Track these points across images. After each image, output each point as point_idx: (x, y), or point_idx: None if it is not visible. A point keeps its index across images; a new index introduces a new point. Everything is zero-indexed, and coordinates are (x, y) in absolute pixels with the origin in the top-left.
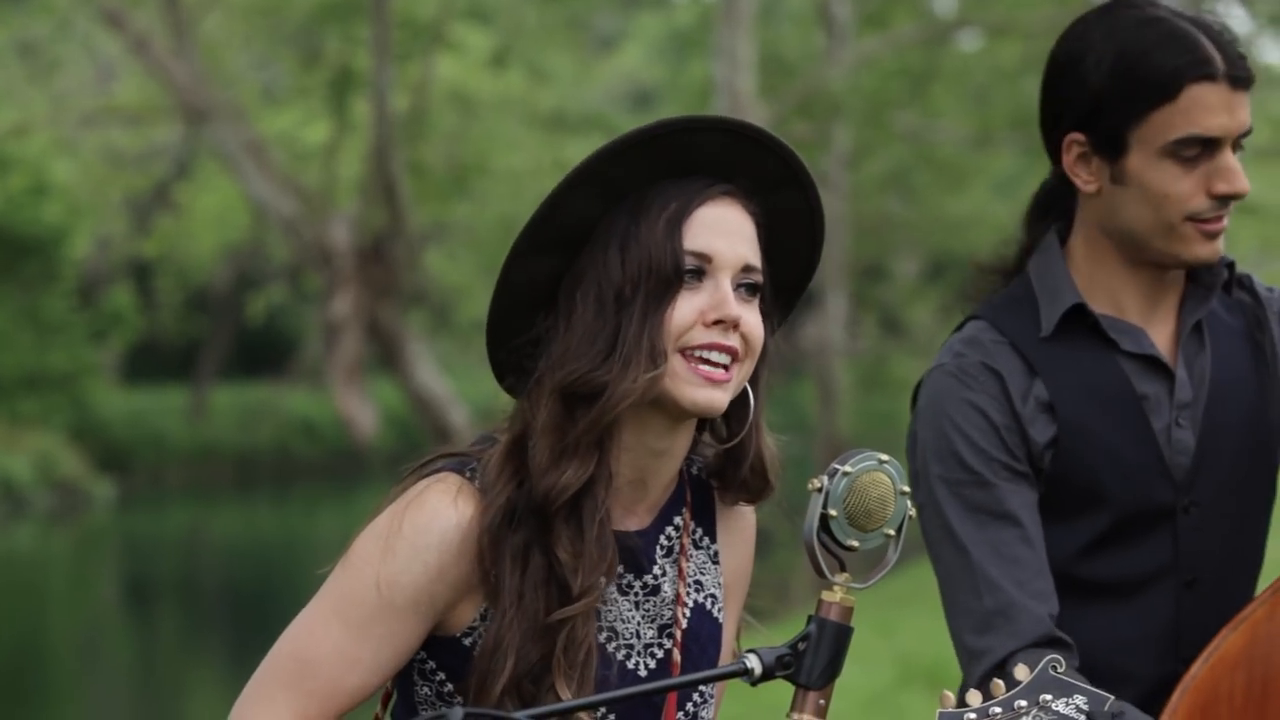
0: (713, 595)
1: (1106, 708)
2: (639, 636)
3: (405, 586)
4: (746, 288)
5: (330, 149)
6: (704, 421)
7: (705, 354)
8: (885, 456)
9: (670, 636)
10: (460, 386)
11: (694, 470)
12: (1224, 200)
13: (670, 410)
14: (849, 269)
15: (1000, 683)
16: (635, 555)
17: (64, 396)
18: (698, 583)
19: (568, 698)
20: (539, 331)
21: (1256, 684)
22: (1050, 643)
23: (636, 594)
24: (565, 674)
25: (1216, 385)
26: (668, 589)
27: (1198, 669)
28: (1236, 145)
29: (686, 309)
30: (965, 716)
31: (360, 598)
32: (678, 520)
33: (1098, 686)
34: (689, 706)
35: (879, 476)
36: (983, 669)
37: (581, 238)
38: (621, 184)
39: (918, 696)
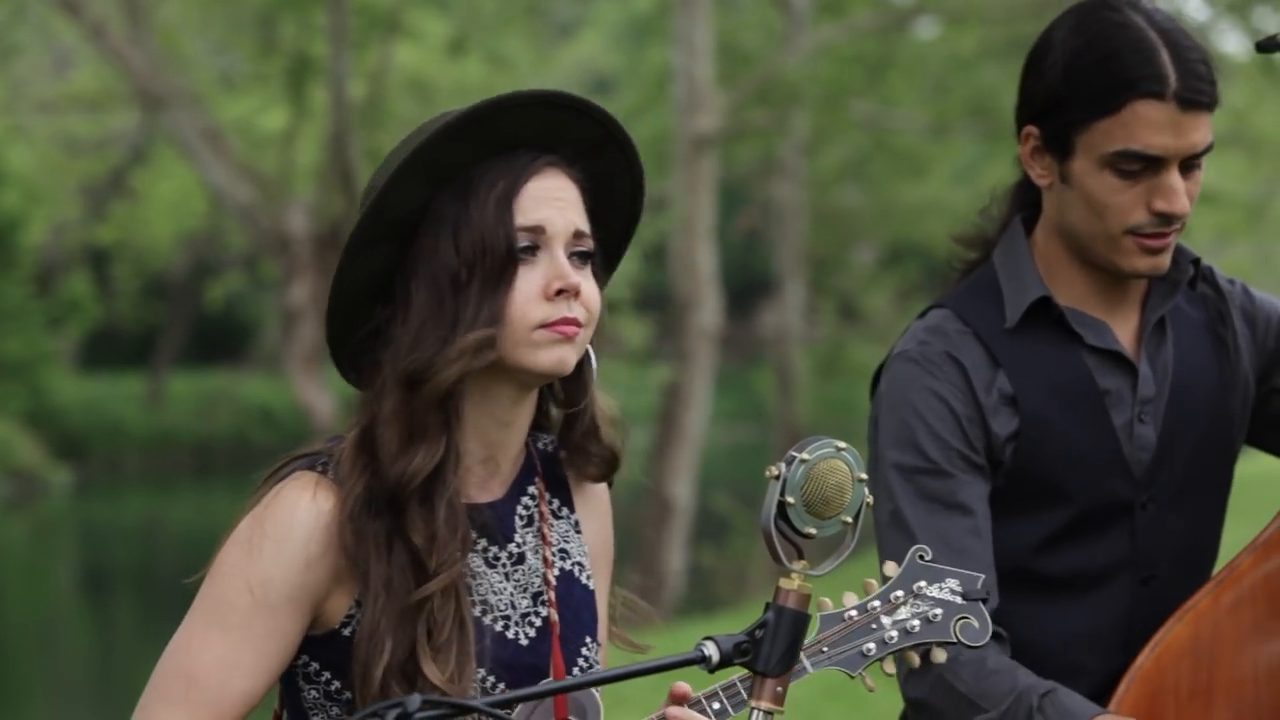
0: (579, 563)
1: (979, 585)
2: (514, 607)
3: (276, 583)
4: (579, 255)
5: (288, 136)
6: (543, 394)
7: (555, 324)
8: (843, 444)
9: (544, 603)
10: None
11: (540, 445)
12: (1164, 218)
13: (519, 378)
14: (807, 256)
15: (873, 581)
16: (494, 527)
17: (21, 384)
18: (563, 550)
19: (437, 678)
20: (378, 323)
21: (1202, 674)
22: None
23: (504, 565)
24: (430, 655)
25: (1179, 380)
26: (532, 558)
27: (1144, 659)
28: (1190, 164)
29: (526, 286)
30: (846, 614)
31: (233, 602)
32: (532, 490)
33: (1051, 678)
34: (575, 670)
35: (836, 464)
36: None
37: (411, 225)
38: (446, 168)
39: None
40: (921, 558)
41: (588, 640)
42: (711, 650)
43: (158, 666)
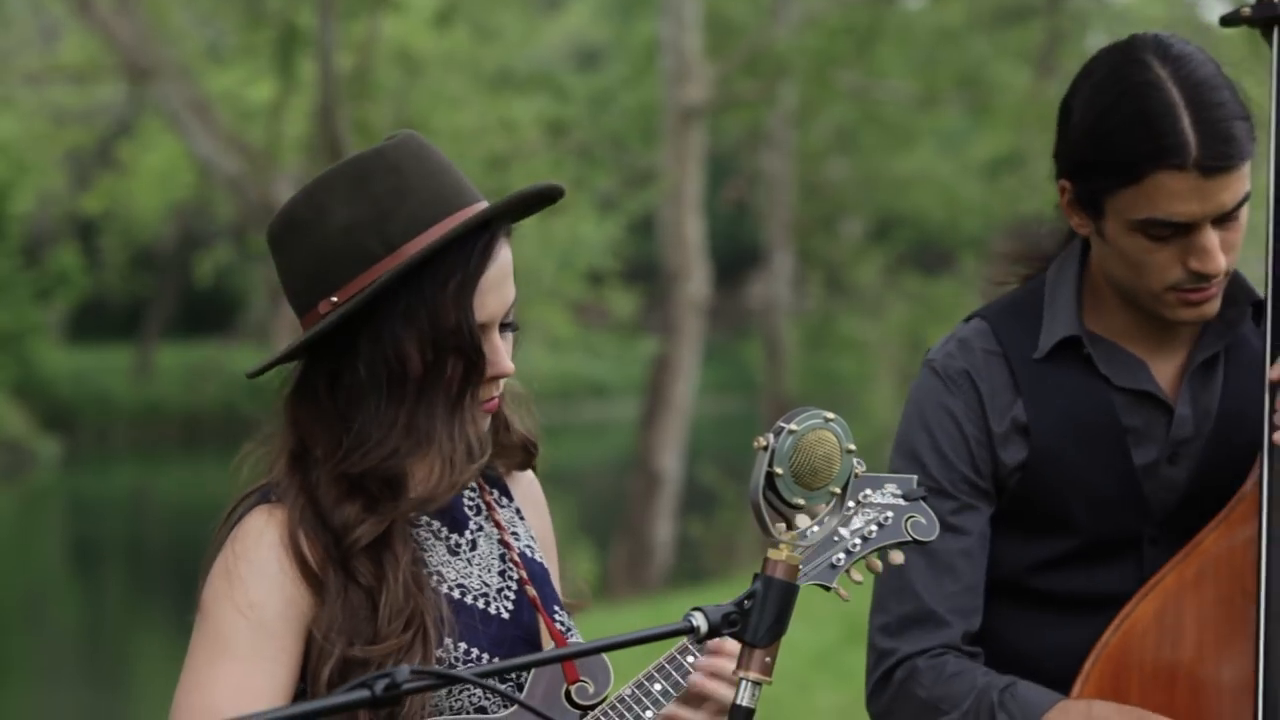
0: (529, 545)
1: (915, 485)
2: (487, 585)
3: (265, 605)
4: (508, 325)
5: (275, 108)
6: None
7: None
8: (831, 414)
9: (513, 576)
10: None
11: None
12: (1201, 276)
13: None
14: (795, 228)
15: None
16: (451, 512)
17: (8, 355)
18: (514, 533)
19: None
20: (310, 372)
21: (1165, 650)
22: (949, 650)
23: (465, 551)
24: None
25: (1225, 420)
26: (485, 544)
27: (1109, 636)
28: (1226, 219)
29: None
30: (809, 531)
31: (231, 632)
32: (471, 484)
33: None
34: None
35: (825, 434)
36: (883, 669)
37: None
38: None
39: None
40: (858, 468)
41: (556, 609)
42: (700, 621)
43: (173, 708)
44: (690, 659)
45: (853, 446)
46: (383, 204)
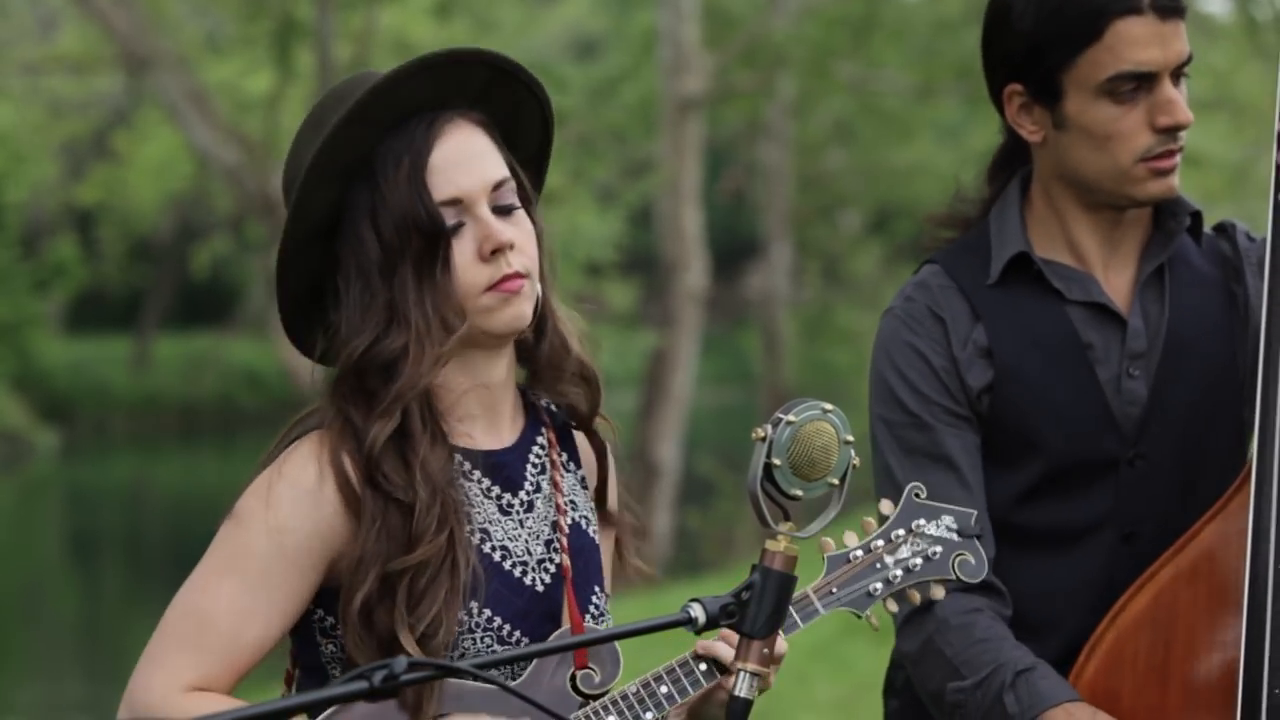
0: (586, 516)
1: (973, 521)
2: (530, 553)
3: (294, 531)
4: (504, 207)
5: (273, 98)
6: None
7: (500, 283)
8: (829, 406)
9: (557, 549)
10: None
11: (543, 402)
12: (1170, 133)
13: (485, 343)
14: (793, 219)
15: (871, 520)
16: (506, 471)
17: (6, 347)
18: (572, 502)
19: (411, 647)
20: (331, 316)
21: (1159, 646)
22: (980, 587)
23: (518, 512)
24: (407, 625)
25: (1176, 335)
26: (543, 506)
27: (1104, 629)
28: (1177, 77)
29: (461, 259)
30: (851, 554)
31: (251, 550)
32: (541, 440)
33: (1027, 633)
34: (587, 618)
35: (823, 426)
36: (909, 608)
37: (334, 221)
38: (349, 162)
39: (861, 646)
40: (917, 495)
41: (596, 589)
42: (698, 612)
43: (172, 606)
44: (702, 666)
45: (850, 438)
46: (327, 121)
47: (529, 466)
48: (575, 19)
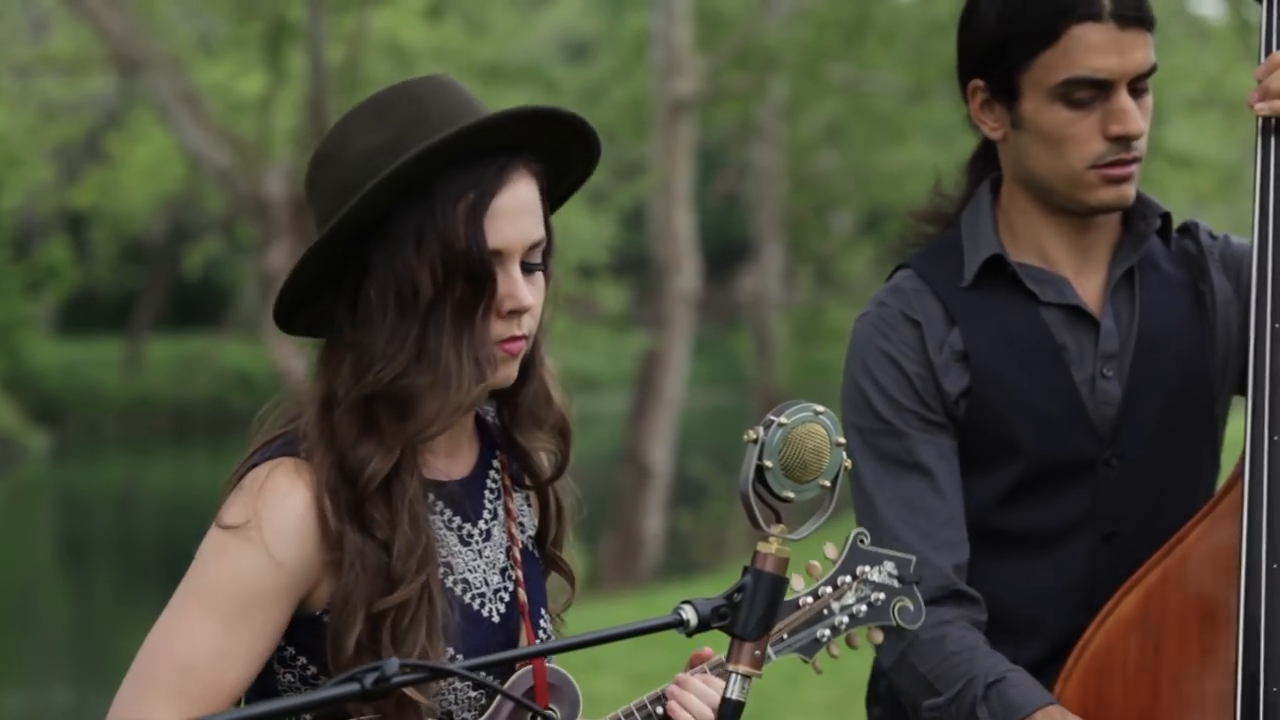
0: (532, 536)
1: (911, 569)
2: (487, 584)
3: (275, 570)
4: (530, 266)
5: (265, 100)
6: None
7: (504, 345)
8: (821, 408)
9: (511, 579)
10: None
11: (488, 417)
12: (1122, 142)
13: None
14: (785, 221)
15: (817, 564)
16: (463, 502)
17: None
18: (521, 524)
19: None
20: (334, 311)
21: (1150, 649)
22: (951, 596)
23: (476, 542)
24: (396, 653)
25: (1146, 335)
26: (498, 533)
27: (1093, 632)
28: (1139, 85)
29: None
30: (801, 600)
31: (229, 592)
32: (495, 464)
33: (1009, 636)
34: (536, 643)
35: (814, 428)
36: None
37: (372, 222)
38: (415, 179)
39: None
40: (861, 541)
41: (543, 612)
42: (690, 614)
43: (146, 649)
44: (659, 710)
45: (842, 440)
46: (401, 128)
47: (486, 493)
48: (567, 21)
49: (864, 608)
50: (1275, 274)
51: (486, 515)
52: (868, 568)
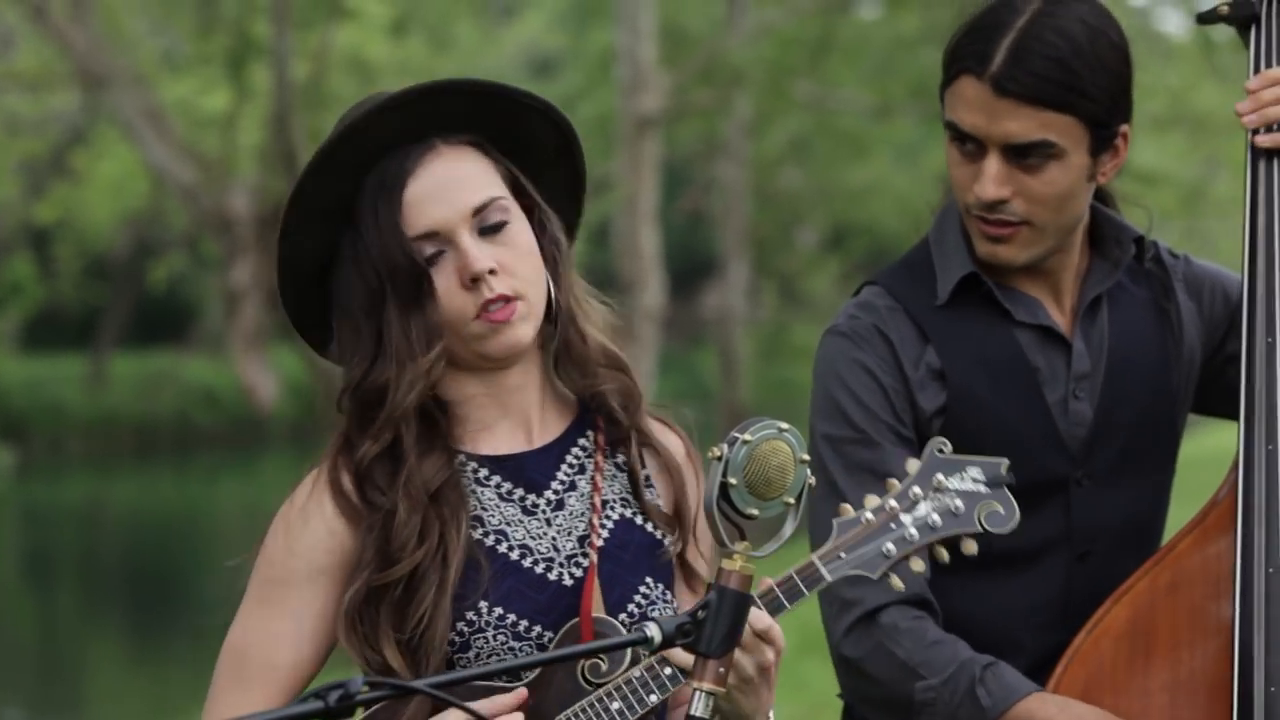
0: (636, 513)
1: (1002, 470)
2: (558, 550)
3: (303, 554)
4: (490, 227)
5: (230, 116)
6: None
7: (487, 310)
8: (785, 425)
9: (590, 545)
10: None
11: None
12: (982, 204)
13: (483, 364)
14: (750, 237)
15: (894, 480)
16: (528, 472)
17: None
18: (624, 499)
19: (395, 663)
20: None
21: (1139, 656)
22: (922, 603)
23: (543, 511)
24: (387, 635)
25: (1116, 356)
26: (576, 503)
27: (1081, 640)
28: (1025, 157)
29: (447, 290)
30: (864, 517)
31: (268, 576)
32: (584, 442)
33: (989, 653)
34: (631, 608)
35: (779, 445)
36: (851, 618)
37: (343, 212)
38: (329, 208)
39: (818, 664)
40: (940, 450)
41: (643, 586)
42: (654, 631)
43: (221, 649)
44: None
45: (806, 457)
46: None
47: (564, 466)
48: (532, 37)
49: (939, 517)
50: (1266, 289)
51: (558, 486)
52: (943, 476)
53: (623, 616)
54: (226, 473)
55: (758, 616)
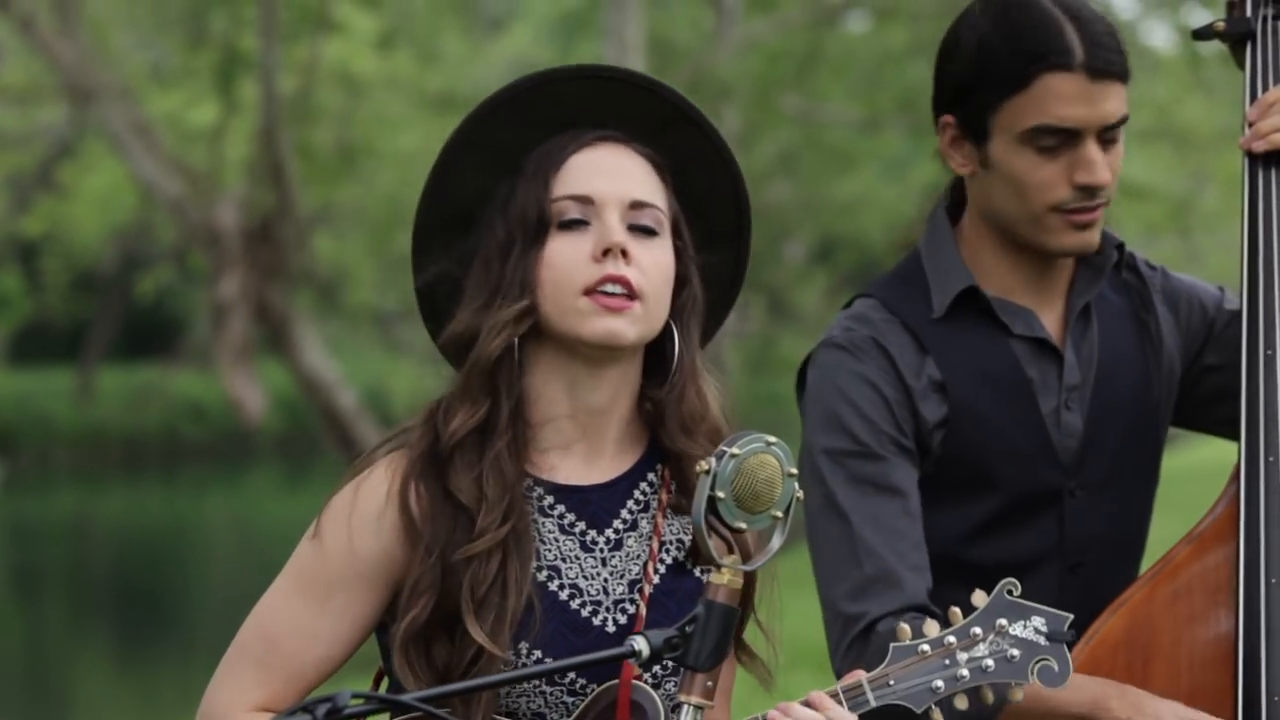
0: (694, 558)
1: (1065, 626)
2: (607, 593)
3: (360, 556)
4: (640, 228)
5: (217, 130)
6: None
7: (602, 287)
8: (773, 439)
9: (640, 592)
10: (349, 368)
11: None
12: (1088, 191)
13: (578, 350)
14: None
15: (957, 610)
16: (592, 507)
17: None
18: (680, 541)
19: (479, 636)
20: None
21: (1136, 667)
22: (923, 612)
23: (601, 549)
24: (473, 611)
25: (1103, 367)
26: (635, 544)
27: (1079, 650)
28: (1108, 137)
29: (569, 250)
30: (919, 647)
31: (317, 572)
32: (652, 477)
33: None
34: (655, 668)
35: (766, 459)
36: (854, 633)
37: (508, 162)
38: (505, 152)
39: (805, 678)
40: (1010, 592)
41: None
42: (642, 645)
43: (244, 624)
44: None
45: (794, 470)
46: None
47: (630, 502)
48: (520, 50)
49: (993, 663)
50: (1266, 302)
51: (619, 525)
52: (1007, 621)
53: (657, 669)
54: (214, 486)
55: None
